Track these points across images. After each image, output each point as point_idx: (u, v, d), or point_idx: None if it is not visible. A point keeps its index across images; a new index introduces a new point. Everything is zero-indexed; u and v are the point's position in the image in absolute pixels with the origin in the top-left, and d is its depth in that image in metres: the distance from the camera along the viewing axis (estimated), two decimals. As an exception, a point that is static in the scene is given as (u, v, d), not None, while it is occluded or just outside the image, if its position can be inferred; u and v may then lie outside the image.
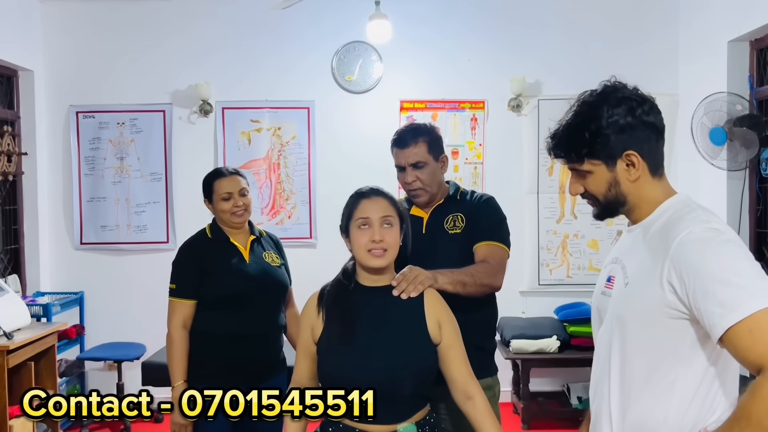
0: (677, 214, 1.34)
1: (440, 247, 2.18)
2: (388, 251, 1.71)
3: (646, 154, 1.38)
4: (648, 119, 1.38)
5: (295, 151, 4.61)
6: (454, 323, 1.77)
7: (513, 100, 4.54)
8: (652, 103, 1.40)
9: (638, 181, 1.39)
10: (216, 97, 4.55)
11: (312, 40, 4.58)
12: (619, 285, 1.40)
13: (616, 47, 4.52)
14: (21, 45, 4.30)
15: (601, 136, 1.37)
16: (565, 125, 1.43)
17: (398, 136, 2.24)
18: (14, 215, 4.40)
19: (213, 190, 2.48)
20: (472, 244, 2.15)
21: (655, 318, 1.29)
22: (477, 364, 1.91)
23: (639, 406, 1.33)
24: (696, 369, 1.29)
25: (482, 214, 2.21)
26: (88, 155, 4.59)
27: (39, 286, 4.46)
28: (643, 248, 1.37)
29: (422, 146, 2.18)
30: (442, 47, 4.59)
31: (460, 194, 2.27)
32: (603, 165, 1.39)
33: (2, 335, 3.27)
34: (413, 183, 2.19)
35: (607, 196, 1.42)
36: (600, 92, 1.41)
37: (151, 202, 4.59)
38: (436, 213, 2.24)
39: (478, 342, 2.14)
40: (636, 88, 1.42)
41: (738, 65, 3.82)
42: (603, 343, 1.45)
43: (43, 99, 4.53)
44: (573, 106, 1.43)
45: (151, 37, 4.58)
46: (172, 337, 2.38)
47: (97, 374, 4.60)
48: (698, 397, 1.29)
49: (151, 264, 4.56)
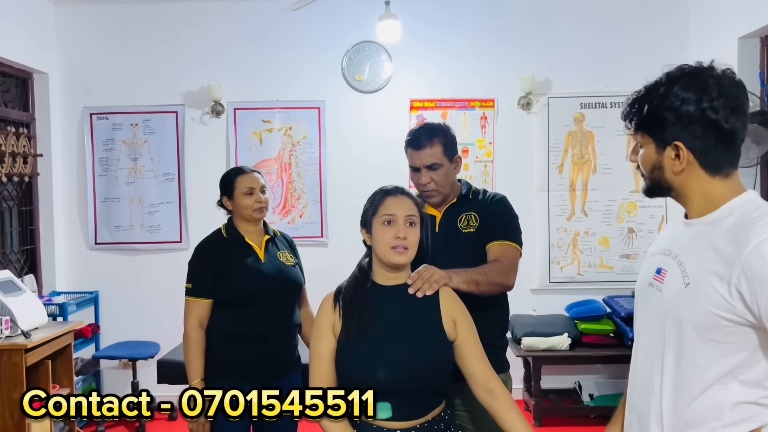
0: (747, 216, 1.26)
1: (453, 246, 2.18)
2: (409, 249, 1.73)
3: (698, 151, 1.29)
4: (712, 116, 1.27)
5: (306, 150, 4.64)
6: (470, 319, 1.79)
7: (523, 98, 4.55)
8: (736, 103, 1.28)
9: (683, 174, 1.32)
10: (228, 97, 4.59)
11: (322, 41, 4.61)
12: (677, 282, 1.32)
13: (625, 45, 4.52)
14: (35, 48, 4.36)
15: (658, 115, 1.31)
16: (639, 91, 1.38)
17: (413, 136, 2.21)
18: (30, 216, 4.46)
19: (234, 186, 2.51)
20: (485, 243, 2.17)
21: (717, 322, 1.25)
22: (491, 360, 1.93)
23: (695, 406, 1.29)
24: (755, 374, 1.26)
25: (495, 213, 2.21)
26: (102, 156, 4.64)
27: (55, 285, 4.52)
28: (707, 248, 1.28)
29: (438, 148, 2.16)
30: (451, 46, 4.60)
31: (472, 193, 2.28)
32: (653, 144, 1.35)
33: (20, 334, 3.33)
34: (427, 185, 2.18)
35: (651, 177, 1.38)
36: (687, 71, 1.32)
37: (164, 203, 4.64)
38: (449, 212, 2.24)
39: (490, 339, 2.14)
40: (736, 82, 1.31)
41: (749, 61, 3.81)
42: (651, 340, 1.38)
43: (58, 101, 4.59)
44: (660, 75, 1.35)
45: (163, 38, 4.62)
46: (188, 335, 2.41)
47: (113, 372, 4.66)
48: (756, 400, 1.26)
49: (164, 263, 4.61)
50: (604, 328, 4.24)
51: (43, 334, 3.45)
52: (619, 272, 4.60)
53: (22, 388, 3.23)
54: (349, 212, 4.60)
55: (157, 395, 5.24)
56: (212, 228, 2.61)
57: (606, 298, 4.46)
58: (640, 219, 4.59)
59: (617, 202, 4.57)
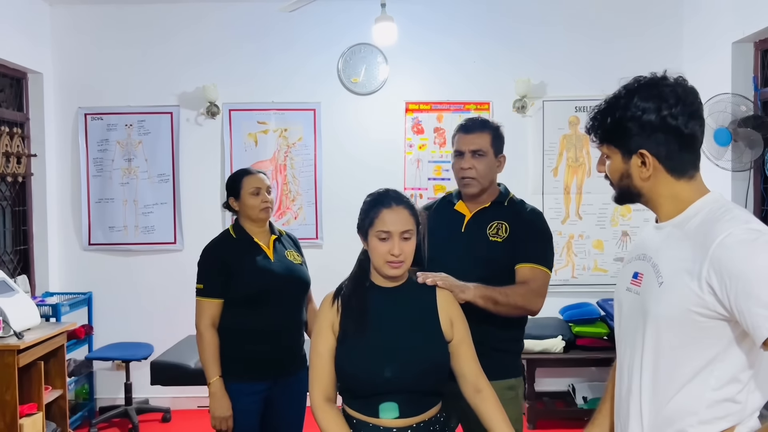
0: (713, 215, 1.31)
1: (477, 250, 2.16)
2: (405, 262, 1.75)
3: (662, 156, 1.35)
4: (672, 123, 1.33)
5: (302, 152, 4.64)
6: (465, 321, 1.81)
7: (518, 101, 4.56)
8: (692, 109, 1.34)
9: (651, 180, 1.37)
10: (223, 98, 4.59)
11: (318, 43, 4.61)
12: (651, 283, 1.36)
13: (620, 49, 4.53)
14: (30, 48, 4.34)
15: (621, 127, 1.37)
16: (601, 104, 1.43)
17: (465, 122, 2.28)
18: (23, 216, 4.44)
19: (241, 186, 2.57)
20: (510, 255, 2.14)
21: (691, 318, 1.28)
22: (501, 365, 2.03)
23: (672, 404, 1.32)
24: (731, 368, 1.28)
25: (532, 232, 2.19)
26: (96, 157, 4.63)
27: (48, 286, 4.50)
28: (677, 248, 1.33)
29: (486, 136, 2.23)
30: (447, 49, 4.61)
31: (508, 201, 2.29)
32: (619, 154, 1.40)
33: (12, 335, 3.31)
34: (468, 170, 2.20)
35: (620, 185, 1.42)
36: (643, 82, 1.37)
37: (158, 203, 4.63)
38: (480, 215, 2.23)
39: (505, 345, 2.20)
40: (689, 89, 1.36)
41: (742, 66, 3.82)
42: (630, 341, 1.42)
43: (52, 101, 4.58)
44: (618, 89, 1.41)
45: (158, 39, 4.62)
46: (202, 335, 2.46)
47: (106, 374, 4.64)
48: (732, 397, 1.28)
49: (158, 265, 4.60)
50: (598, 331, 4.25)
51: (35, 335, 3.43)
52: (613, 275, 4.60)
53: (14, 390, 3.22)
54: (344, 214, 4.63)
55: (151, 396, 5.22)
56: (207, 229, 2.62)
57: (600, 301, 4.47)
58: (634, 222, 4.60)
59: (611, 205, 4.57)
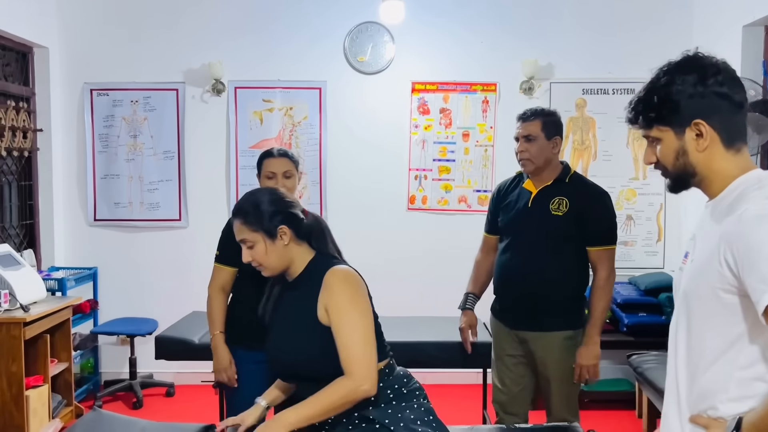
0: (746, 192, 1.32)
1: (541, 223, 2.58)
2: (264, 266, 1.90)
3: (716, 124, 1.35)
4: (720, 90, 1.34)
5: (307, 131, 4.63)
6: (341, 308, 1.77)
7: (525, 82, 4.53)
8: (732, 75, 1.37)
9: (707, 151, 1.36)
10: (229, 76, 4.57)
11: (325, 21, 4.58)
12: (690, 262, 1.41)
13: (629, 31, 4.49)
14: (36, 22, 4.32)
15: (670, 102, 1.37)
16: (639, 92, 1.43)
17: (523, 111, 2.66)
18: (29, 191, 4.45)
19: (261, 169, 2.61)
20: (570, 227, 2.55)
21: (716, 294, 1.30)
22: (565, 316, 2.58)
23: (704, 380, 1.34)
24: (759, 348, 1.29)
25: (600, 214, 2.60)
26: (101, 132, 4.63)
27: (54, 260, 4.53)
28: (710, 225, 1.37)
29: (536, 124, 2.59)
30: (454, 29, 4.57)
31: (569, 178, 2.64)
32: (671, 132, 1.39)
33: (19, 308, 3.35)
34: (522, 153, 2.61)
35: (676, 165, 1.41)
36: (678, 61, 1.39)
37: (163, 180, 4.63)
38: (544, 192, 2.62)
39: (569, 300, 2.63)
40: (721, 60, 1.39)
41: (752, 50, 3.80)
42: (673, 320, 1.45)
43: (58, 76, 4.56)
44: (652, 74, 1.43)
45: (164, 15, 4.59)
46: (210, 297, 2.57)
47: (110, 348, 4.69)
48: (761, 376, 1.29)
49: (163, 241, 4.62)
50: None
51: (41, 308, 3.47)
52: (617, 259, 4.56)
53: (21, 361, 3.26)
54: (349, 193, 4.65)
55: (155, 371, 5.26)
56: (211, 207, 2.62)
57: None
58: (639, 206, 4.60)
59: (617, 188, 4.56)
